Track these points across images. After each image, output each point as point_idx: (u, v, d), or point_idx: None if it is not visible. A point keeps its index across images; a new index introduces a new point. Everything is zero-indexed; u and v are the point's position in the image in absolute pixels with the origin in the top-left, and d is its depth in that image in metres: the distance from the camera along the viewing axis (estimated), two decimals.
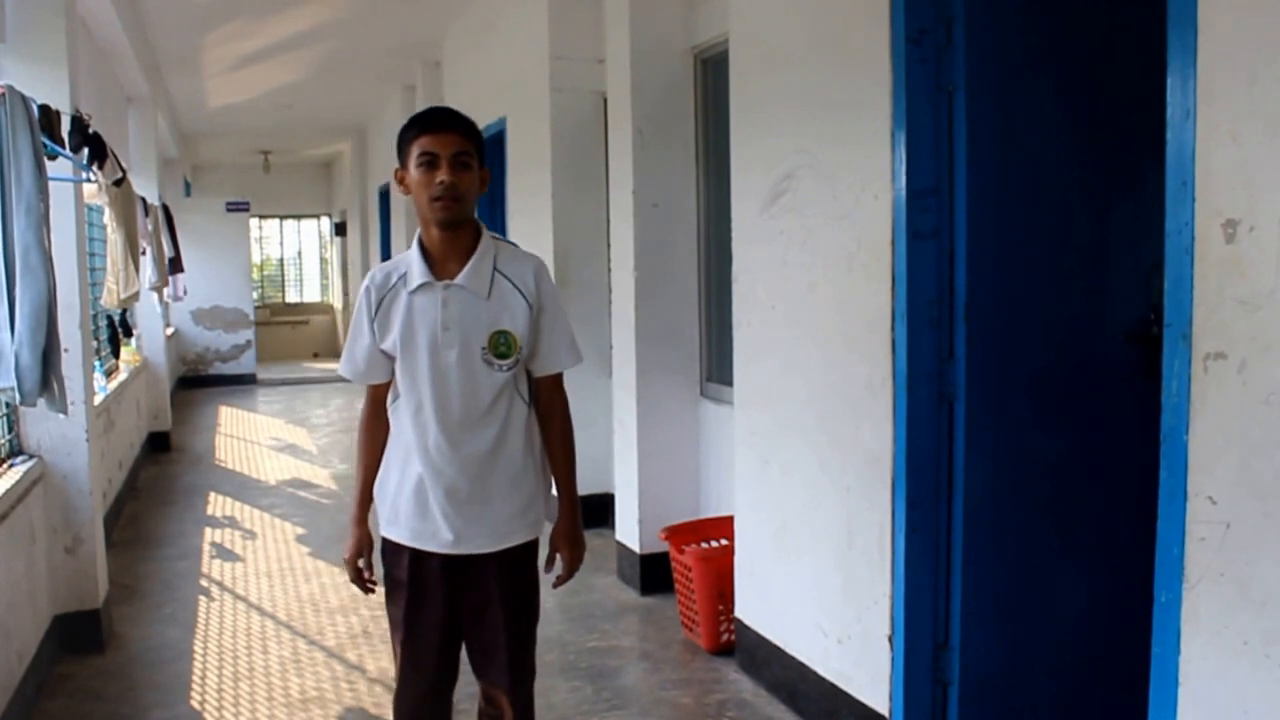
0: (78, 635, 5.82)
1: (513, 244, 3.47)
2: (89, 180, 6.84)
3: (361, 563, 3.52)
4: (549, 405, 3.45)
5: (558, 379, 3.45)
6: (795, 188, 4.77)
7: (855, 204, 4.35)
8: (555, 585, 3.54)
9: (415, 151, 3.22)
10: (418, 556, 3.38)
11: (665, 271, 6.59)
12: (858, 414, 4.41)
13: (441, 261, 3.29)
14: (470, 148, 3.24)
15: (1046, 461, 4.14)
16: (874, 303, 4.26)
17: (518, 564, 3.42)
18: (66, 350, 5.25)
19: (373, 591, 3.57)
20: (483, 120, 9.78)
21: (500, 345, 3.27)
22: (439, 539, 3.34)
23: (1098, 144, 4.14)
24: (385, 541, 3.46)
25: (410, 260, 3.32)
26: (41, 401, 4.67)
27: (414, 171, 3.23)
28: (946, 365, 4.09)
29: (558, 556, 3.52)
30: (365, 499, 3.54)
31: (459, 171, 3.20)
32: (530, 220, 8.47)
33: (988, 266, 4.02)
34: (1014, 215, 4.06)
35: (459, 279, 3.26)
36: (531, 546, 3.47)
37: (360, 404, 3.54)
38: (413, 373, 3.31)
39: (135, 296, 8.26)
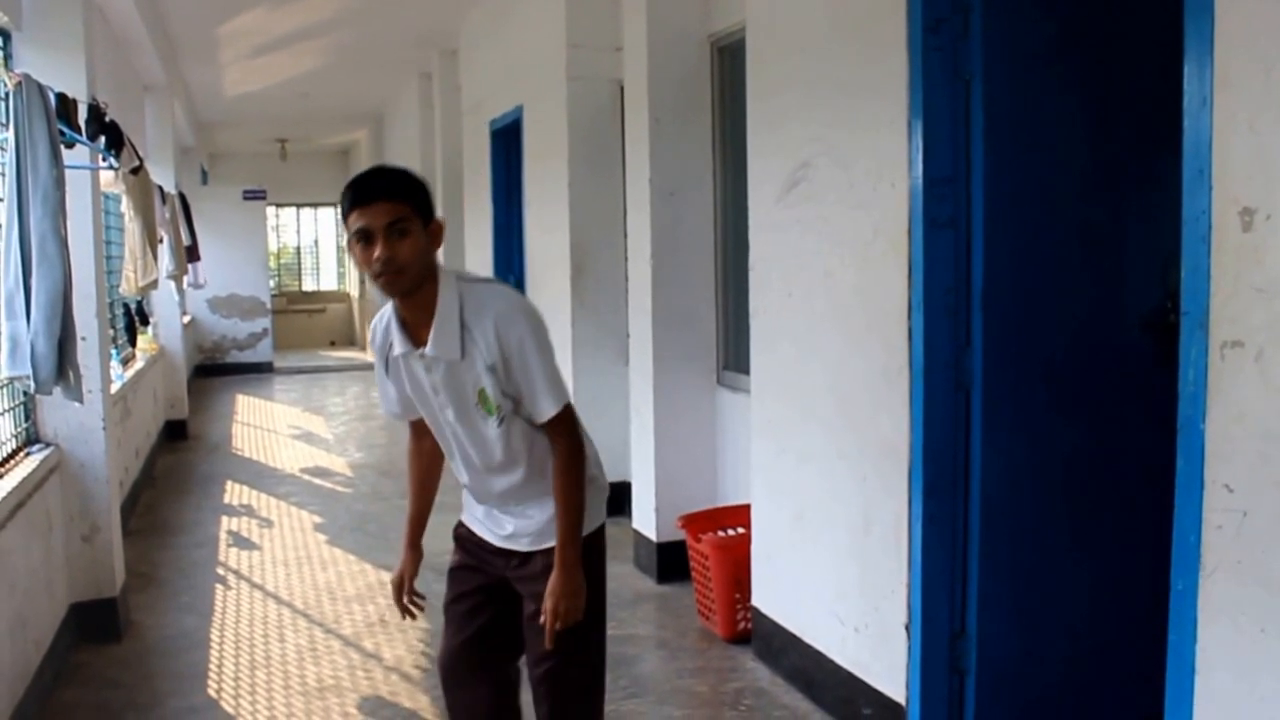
0: (95, 624, 5.84)
1: (485, 283, 3.25)
2: (110, 167, 6.86)
3: (405, 587, 3.56)
4: (552, 451, 3.24)
5: (553, 425, 3.20)
6: (812, 176, 4.76)
7: (872, 192, 4.34)
8: (544, 631, 3.27)
9: (352, 227, 3.03)
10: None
11: (682, 260, 6.58)
12: (874, 402, 4.40)
13: (415, 327, 3.16)
14: (406, 210, 3.02)
15: (1063, 450, 4.13)
16: (891, 291, 4.25)
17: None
18: (83, 339, 5.27)
19: (412, 616, 3.59)
20: (499, 109, 9.81)
21: (486, 403, 3.16)
22: (496, 534, 3.38)
23: (1115, 132, 4.13)
24: (460, 522, 3.54)
25: (391, 325, 3.22)
26: (58, 390, 4.69)
27: (354, 247, 3.05)
28: (963, 354, 4.08)
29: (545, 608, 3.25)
30: (412, 523, 3.58)
31: (396, 242, 3.00)
32: (547, 209, 8.47)
33: (1004, 255, 4.01)
34: (1031, 203, 4.04)
35: (428, 349, 3.13)
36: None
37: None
38: (429, 423, 3.34)
39: (153, 285, 8.28)
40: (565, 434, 3.22)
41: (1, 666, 4.47)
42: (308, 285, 26.64)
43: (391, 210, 2.99)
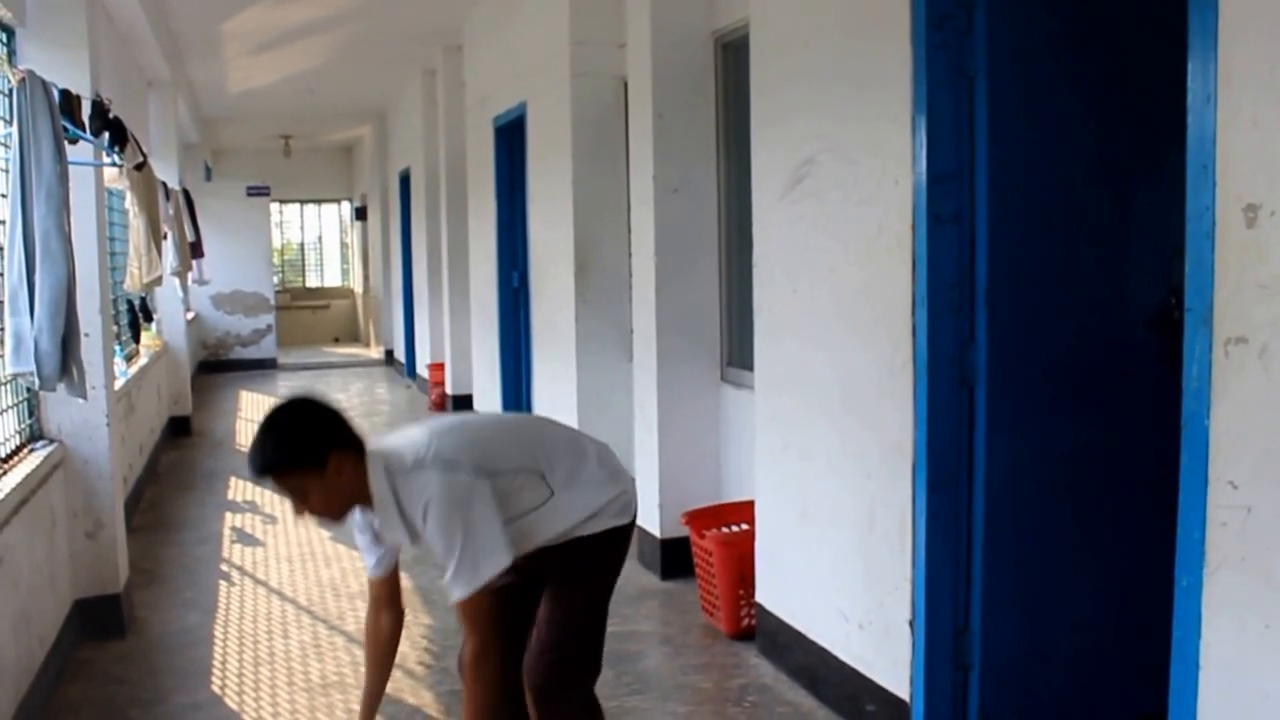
0: (98, 620, 5.84)
1: (416, 471, 3.19)
2: (113, 164, 6.86)
3: None
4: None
5: (459, 611, 3.23)
6: (816, 172, 4.76)
7: (876, 188, 4.34)
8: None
9: None
10: None
11: (686, 256, 6.58)
12: (879, 398, 4.39)
13: None
14: (292, 480, 3.10)
15: (1066, 446, 4.13)
16: (895, 287, 4.24)
17: (576, 551, 3.43)
18: (87, 335, 5.27)
19: None
20: (503, 105, 9.81)
21: None
22: None
23: (1119, 129, 4.13)
24: None
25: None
26: (61, 386, 4.68)
27: None
28: (967, 350, 4.08)
29: None
30: (366, 701, 3.57)
31: (301, 504, 3.15)
32: (550, 205, 8.45)
33: (1008, 251, 4.01)
34: (1035, 200, 4.04)
35: (384, 536, 3.32)
36: (592, 538, 3.44)
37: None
38: None
39: (158, 281, 8.28)
40: (467, 623, 3.25)
41: (5, 662, 4.47)
42: (311, 281, 26.62)
43: (280, 483, 3.12)
